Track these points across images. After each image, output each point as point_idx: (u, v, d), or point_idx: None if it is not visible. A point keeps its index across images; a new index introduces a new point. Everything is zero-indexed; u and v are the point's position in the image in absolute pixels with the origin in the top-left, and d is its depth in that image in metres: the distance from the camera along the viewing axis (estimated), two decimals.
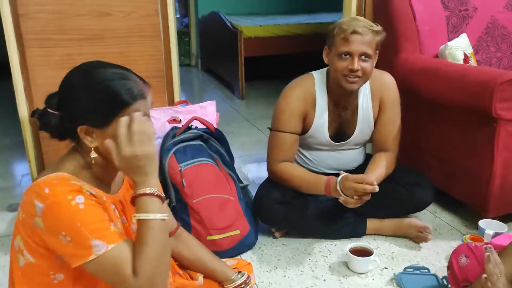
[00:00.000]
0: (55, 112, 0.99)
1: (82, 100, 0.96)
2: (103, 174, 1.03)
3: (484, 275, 1.13)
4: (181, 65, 2.16)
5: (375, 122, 1.88)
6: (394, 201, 1.82)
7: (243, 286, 1.28)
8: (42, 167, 2.04)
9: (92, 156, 0.97)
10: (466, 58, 2.08)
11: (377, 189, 1.56)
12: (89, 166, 1.00)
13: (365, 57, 1.65)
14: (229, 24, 4.21)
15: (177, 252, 1.29)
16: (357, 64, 1.64)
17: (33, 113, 1.04)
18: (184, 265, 1.32)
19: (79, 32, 1.94)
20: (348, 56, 1.65)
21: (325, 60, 1.76)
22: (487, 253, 1.13)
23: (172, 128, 1.90)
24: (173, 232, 1.28)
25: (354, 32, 1.62)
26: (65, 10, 1.90)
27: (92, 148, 0.97)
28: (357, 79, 1.67)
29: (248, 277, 1.31)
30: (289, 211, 1.80)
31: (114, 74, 0.97)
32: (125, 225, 1.08)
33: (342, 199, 1.61)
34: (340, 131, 1.86)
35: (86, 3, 1.92)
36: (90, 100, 0.96)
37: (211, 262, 1.31)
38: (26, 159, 2.01)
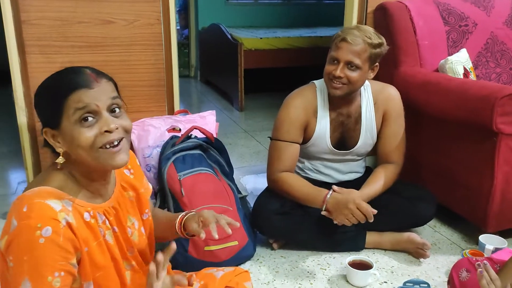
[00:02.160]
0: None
1: (37, 103, 0.97)
2: (87, 182, 0.99)
3: None
4: (180, 76, 2.17)
5: (379, 134, 1.88)
6: (396, 214, 1.81)
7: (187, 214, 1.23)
8: (39, 172, 2.02)
9: (59, 162, 0.95)
10: (466, 73, 2.09)
11: (371, 219, 1.60)
12: (74, 175, 0.98)
13: (351, 66, 1.67)
14: (229, 36, 4.23)
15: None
16: (339, 71, 1.66)
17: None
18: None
19: (80, 39, 1.94)
20: (336, 61, 1.68)
21: None
22: (480, 269, 1.12)
23: (172, 137, 1.90)
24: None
25: (344, 39, 1.65)
26: (67, 17, 1.90)
27: (61, 154, 0.95)
28: (340, 85, 1.69)
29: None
30: (287, 223, 1.78)
31: (61, 71, 0.95)
32: (116, 234, 1.06)
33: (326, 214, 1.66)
34: (343, 140, 1.85)
35: (88, 10, 1.92)
36: (41, 100, 0.96)
37: (164, 216, 1.28)
38: (22, 167, 2.00)
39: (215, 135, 1.98)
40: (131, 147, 1.25)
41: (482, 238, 1.79)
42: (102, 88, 0.94)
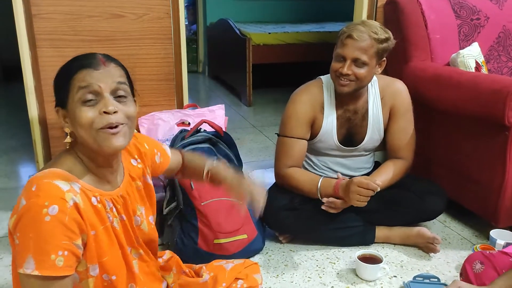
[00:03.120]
0: None
1: (53, 84, 1.01)
2: (93, 166, 1.01)
3: None
4: (188, 71, 2.17)
5: (386, 130, 1.86)
6: (405, 209, 1.80)
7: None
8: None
9: (67, 141, 0.99)
10: (478, 67, 2.06)
11: (377, 189, 1.60)
12: (82, 158, 1.00)
13: (359, 63, 1.65)
14: (237, 31, 4.22)
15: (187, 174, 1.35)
16: (347, 69, 1.65)
17: None
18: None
19: (91, 33, 1.94)
20: (342, 59, 1.66)
21: None
22: None
23: (181, 131, 1.90)
24: (182, 166, 1.33)
25: (349, 36, 1.63)
26: (77, 11, 1.91)
27: (68, 133, 0.98)
28: (348, 82, 1.68)
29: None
30: (296, 218, 1.78)
31: (77, 56, 0.99)
32: (124, 222, 1.07)
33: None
34: (350, 137, 1.85)
35: (98, 4, 1.92)
36: (55, 80, 1.00)
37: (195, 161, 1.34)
38: (33, 160, 2.01)
39: (224, 129, 1.98)
40: None
41: (493, 233, 1.78)
42: (108, 71, 0.96)
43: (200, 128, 1.91)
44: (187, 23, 5.86)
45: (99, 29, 1.95)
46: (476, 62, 2.07)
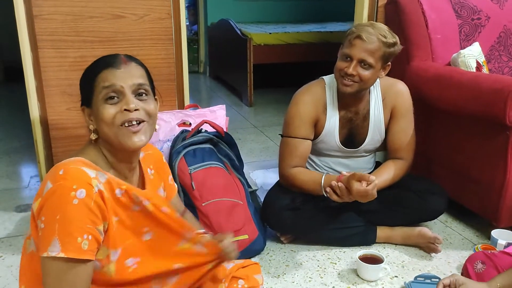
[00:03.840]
0: None
1: (79, 84, 1.06)
2: (114, 161, 1.05)
3: None
4: (189, 72, 2.17)
5: (387, 130, 1.86)
6: (406, 209, 1.80)
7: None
8: (51, 165, 2.04)
9: (92, 138, 1.02)
10: (479, 66, 2.06)
11: (376, 181, 1.56)
12: (104, 155, 1.03)
13: (364, 64, 1.64)
14: (238, 31, 4.23)
15: None
16: (352, 69, 1.64)
17: None
18: None
19: (92, 34, 1.95)
20: (348, 59, 1.65)
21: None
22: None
23: (182, 131, 1.90)
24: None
25: (358, 37, 1.62)
26: (78, 12, 1.91)
27: (92, 131, 1.02)
28: (351, 83, 1.67)
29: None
30: (298, 218, 1.78)
31: (100, 57, 1.05)
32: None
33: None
34: (351, 137, 1.85)
35: (99, 5, 1.93)
36: (80, 80, 1.05)
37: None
38: (35, 161, 2.02)
39: (225, 130, 1.99)
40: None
41: (495, 233, 1.77)
42: (129, 70, 1.01)
43: (201, 129, 1.91)
44: (188, 23, 5.86)
45: (100, 30, 1.96)
46: (477, 62, 2.07)
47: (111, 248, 0.98)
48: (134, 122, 0.99)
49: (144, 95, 1.02)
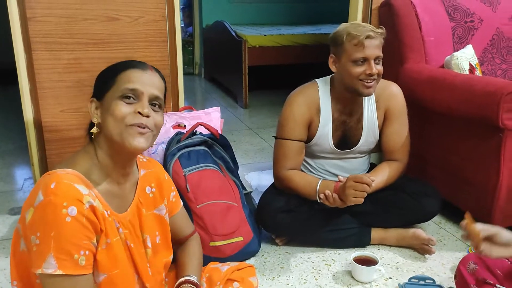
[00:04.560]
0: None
1: (97, 78, 1.08)
2: (110, 167, 1.04)
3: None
4: (184, 74, 2.17)
5: (381, 132, 1.87)
6: (401, 210, 1.81)
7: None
8: (45, 171, 2.02)
9: (93, 131, 1.02)
10: (472, 69, 2.08)
11: (372, 182, 1.59)
12: (99, 160, 1.03)
13: (378, 60, 1.67)
14: (233, 33, 4.23)
15: (177, 254, 1.30)
16: (374, 69, 1.65)
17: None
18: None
19: (86, 36, 1.94)
20: (362, 61, 1.66)
21: (333, 68, 1.75)
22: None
23: (177, 133, 1.90)
24: (186, 239, 1.30)
25: (368, 37, 1.63)
26: (73, 14, 1.90)
27: (95, 124, 1.02)
28: (373, 82, 1.68)
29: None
30: (293, 220, 1.78)
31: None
32: (132, 250, 1.06)
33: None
34: (345, 139, 1.85)
35: (93, 7, 1.92)
36: (100, 74, 1.07)
37: (187, 267, 1.26)
38: (28, 164, 2.01)
39: (220, 132, 1.99)
40: None
41: None
42: (153, 78, 1.04)
43: (196, 131, 1.91)
44: (183, 25, 5.86)
45: (94, 32, 1.95)
46: (470, 65, 2.09)
47: (99, 270, 0.98)
48: (143, 126, 1.01)
49: (157, 106, 1.05)
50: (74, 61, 1.94)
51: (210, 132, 1.91)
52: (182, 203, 1.31)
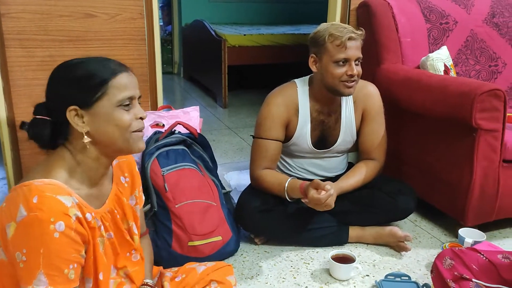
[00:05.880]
0: (46, 118, 0.99)
1: (66, 85, 0.98)
2: (94, 170, 1.02)
3: None
4: (163, 73, 2.15)
5: (359, 132, 1.90)
6: (377, 209, 1.84)
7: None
8: (19, 171, 1.98)
9: (85, 141, 0.97)
10: (446, 70, 2.12)
11: (332, 192, 1.61)
12: (79, 164, 1.00)
13: (358, 61, 1.70)
14: (213, 33, 4.22)
15: None
16: (355, 70, 1.67)
17: (22, 125, 1.03)
18: None
19: (61, 33, 1.91)
20: (344, 62, 1.67)
21: (313, 68, 1.76)
22: None
23: (155, 133, 1.88)
24: (142, 235, 1.29)
25: (350, 38, 1.65)
26: (47, 11, 1.87)
27: (84, 134, 0.98)
28: (354, 83, 1.71)
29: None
30: (271, 220, 1.79)
31: (91, 58, 1.02)
32: (111, 240, 1.08)
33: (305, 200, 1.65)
34: (323, 139, 1.87)
35: (69, 3, 1.89)
36: (73, 81, 0.98)
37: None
38: (1, 163, 1.96)
39: (199, 131, 1.98)
40: None
41: (462, 231, 1.82)
42: (133, 77, 1.03)
43: (175, 130, 1.90)
44: (161, 23, 5.81)
45: (70, 29, 1.92)
46: (445, 65, 2.13)
47: (85, 274, 0.99)
48: (142, 129, 1.04)
49: (139, 104, 1.05)
50: (49, 58, 1.90)
51: (188, 132, 1.91)
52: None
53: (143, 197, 1.29)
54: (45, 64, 1.90)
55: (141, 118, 1.02)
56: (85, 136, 0.98)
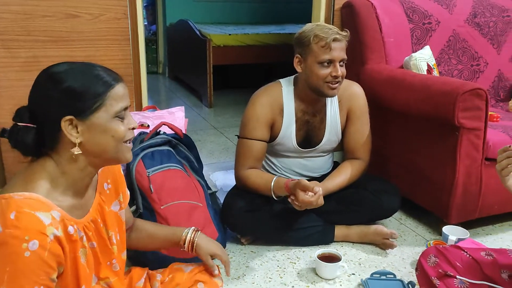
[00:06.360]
0: (29, 125, 0.95)
1: (61, 94, 0.94)
2: (79, 180, 1.00)
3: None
4: (148, 72, 2.14)
5: (344, 131, 1.91)
6: (362, 208, 1.85)
7: (194, 236, 1.30)
8: (2, 175, 1.95)
9: (76, 153, 0.95)
10: (429, 69, 2.15)
11: (320, 192, 1.62)
12: (64, 174, 0.97)
13: (343, 62, 1.71)
14: (198, 32, 4.20)
15: (137, 237, 1.32)
16: (340, 71, 1.68)
17: (2, 133, 0.98)
18: (147, 247, 1.38)
19: (45, 33, 1.89)
20: (328, 63, 1.68)
21: (298, 68, 1.77)
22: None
23: (140, 133, 1.87)
24: (132, 226, 1.30)
25: (335, 39, 1.66)
26: (30, 11, 1.84)
27: (77, 144, 0.95)
28: (338, 84, 1.72)
29: (197, 230, 1.33)
30: (257, 220, 1.79)
31: (81, 65, 0.99)
32: (94, 250, 1.06)
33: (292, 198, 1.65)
34: (308, 138, 1.88)
35: (51, 4, 1.87)
36: (70, 91, 0.94)
37: (163, 230, 1.36)
38: None
39: (184, 131, 1.97)
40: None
41: (446, 229, 1.85)
42: (126, 87, 1.01)
43: (160, 131, 1.89)
44: (146, 23, 5.77)
45: (53, 29, 1.90)
46: (428, 65, 2.15)
47: None
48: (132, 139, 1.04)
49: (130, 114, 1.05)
50: (33, 59, 1.88)
51: (174, 132, 1.90)
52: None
53: (128, 194, 1.28)
54: (29, 65, 1.87)
55: (133, 128, 1.02)
56: (77, 147, 0.95)
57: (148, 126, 1.97)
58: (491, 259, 1.29)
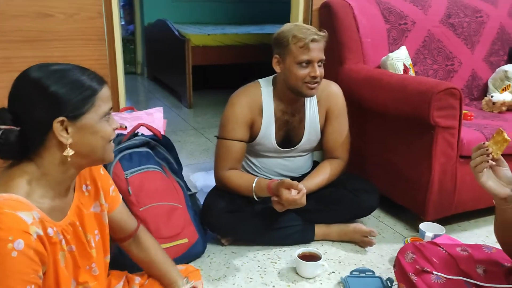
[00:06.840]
0: (13, 127, 0.94)
1: (53, 95, 0.93)
2: (60, 182, 0.99)
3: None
4: (126, 73, 2.12)
5: (323, 131, 1.92)
6: (342, 206, 1.87)
7: None
8: None
9: (69, 154, 0.95)
10: (406, 69, 2.18)
11: (304, 190, 1.63)
12: (44, 176, 0.96)
13: (321, 62, 1.72)
14: (176, 33, 4.18)
15: (135, 253, 1.29)
16: (318, 71, 1.69)
17: None
18: (140, 266, 1.32)
19: (18, 34, 1.84)
20: (306, 63, 1.69)
21: (277, 69, 1.77)
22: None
23: (118, 135, 1.84)
24: (133, 234, 1.27)
25: (313, 40, 1.66)
26: (2, 11, 1.80)
27: (68, 146, 0.95)
28: (316, 84, 1.72)
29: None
30: (237, 220, 1.79)
31: (68, 65, 0.99)
32: (72, 253, 1.04)
33: (275, 199, 1.66)
34: (288, 138, 1.88)
35: (24, 3, 1.83)
36: (63, 92, 0.94)
37: (162, 265, 1.30)
38: None
39: (163, 132, 1.95)
40: None
41: (422, 226, 1.88)
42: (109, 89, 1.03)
43: (138, 132, 1.87)
44: (123, 23, 5.70)
45: (27, 29, 1.86)
46: (404, 65, 2.19)
47: None
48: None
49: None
50: (6, 60, 1.84)
51: (152, 133, 1.88)
52: (121, 196, 1.27)
53: (120, 196, 1.26)
54: (1, 66, 1.83)
55: (116, 128, 1.04)
56: (68, 148, 0.95)
57: (126, 127, 1.94)
58: (467, 254, 1.32)
